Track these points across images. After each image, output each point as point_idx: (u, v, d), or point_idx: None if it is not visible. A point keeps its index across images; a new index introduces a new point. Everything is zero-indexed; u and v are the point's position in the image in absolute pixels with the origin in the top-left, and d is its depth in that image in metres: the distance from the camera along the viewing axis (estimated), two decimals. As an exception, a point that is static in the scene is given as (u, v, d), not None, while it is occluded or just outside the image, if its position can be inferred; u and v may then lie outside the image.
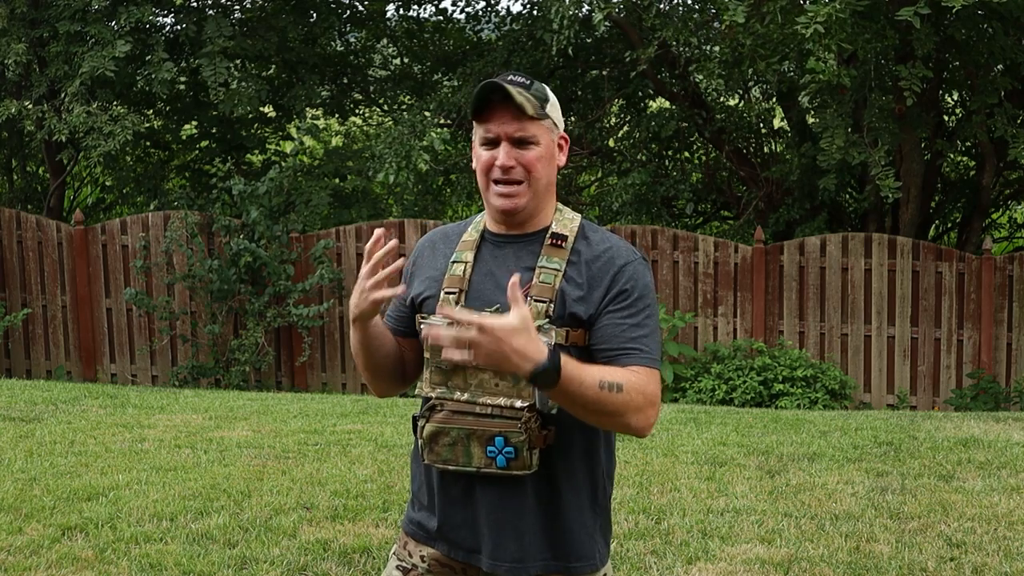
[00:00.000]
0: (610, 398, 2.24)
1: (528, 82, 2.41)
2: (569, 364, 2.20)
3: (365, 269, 2.34)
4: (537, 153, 2.38)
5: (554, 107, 2.43)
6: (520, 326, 2.13)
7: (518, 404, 2.33)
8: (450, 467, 2.39)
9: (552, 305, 2.36)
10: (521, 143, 2.38)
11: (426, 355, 2.43)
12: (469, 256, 2.46)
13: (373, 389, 2.57)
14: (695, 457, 6.51)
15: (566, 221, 2.45)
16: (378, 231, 2.34)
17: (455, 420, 2.37)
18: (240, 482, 5.75)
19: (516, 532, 2.40)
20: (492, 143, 2.39)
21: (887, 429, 7.55)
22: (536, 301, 2.36)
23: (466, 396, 2.37)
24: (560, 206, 2.48)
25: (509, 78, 2.40)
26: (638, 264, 2.40)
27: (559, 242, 2.41)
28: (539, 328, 2.32)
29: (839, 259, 10.69)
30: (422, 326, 2.39)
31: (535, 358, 2.14)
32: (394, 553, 2.59)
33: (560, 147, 2.45)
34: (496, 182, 2.39)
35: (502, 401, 2.34)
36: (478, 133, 2.42)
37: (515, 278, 2.16)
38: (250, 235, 11.06)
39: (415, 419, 2.44)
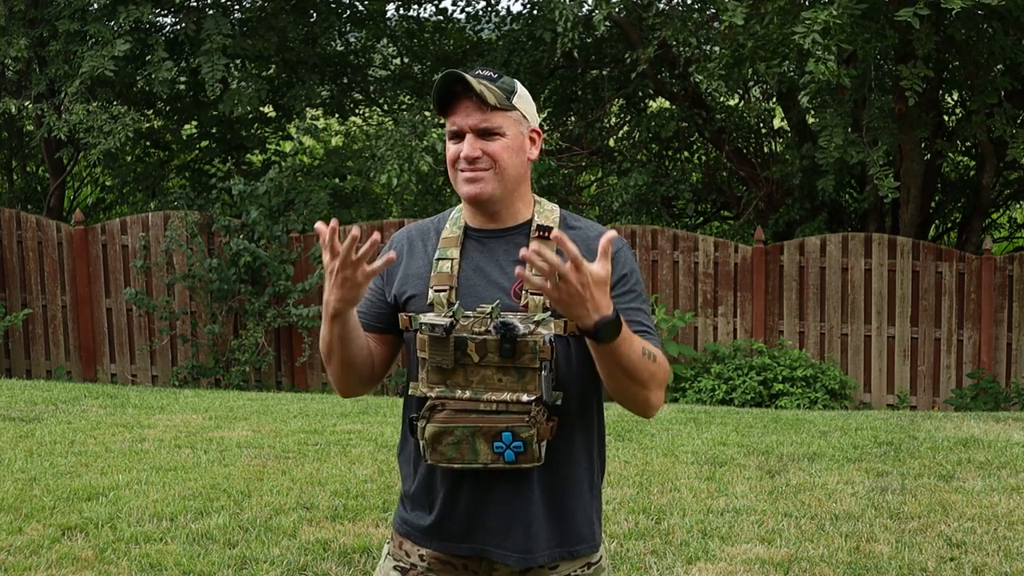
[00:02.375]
0: (647, 365, 2.28)
1: (495, 75, 2.41)
2: (623, 323, 2.22)
3: (336, 264, 2.22)
4: (503, 144, 2.38)
5: (523, 100, 2.42)
6: (604, 279, 2.15)
7: (525, 398, 2.32)
8: (455, 465, 2.35)
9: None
10: (486, 134, 2.37)
11: (422, 355, 2.38)
12: (455, 253, 2.43)
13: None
14: (695, 457, 6.51)
15: (547, 212, 2.46)
16: (354, 230, 2.24)
17: (458, 419, 2.33)
18: (240, 482, 5.75)
19: (523, 523, 2.40)
20: (458, 136, 2.39)
21: (887, 429, 7.55)
22: (533, 295, 2.35)
23: (468, 394, 2.34)
24: (537, 198, 2.48)
25: (476, 72, 2.40)
26: (626, 247, 2.44)
27: (546, 234, 2.39)
28: (539, 321, 2.33)
29: (839, 259, 10.69)
30: (418, 328, 2.36)
31: (604, 311, 2.17)
32: (389, 553, 2.55)
33: (532, 140, 2.44)
34: (462, 170, 2.38)
35: (507, 396, 2.33)
36: (447, 128, 2.42)
37: (610, 234, 2.17)
38: (250, 235, 11.06)
39: (412, 420, 2.40)
